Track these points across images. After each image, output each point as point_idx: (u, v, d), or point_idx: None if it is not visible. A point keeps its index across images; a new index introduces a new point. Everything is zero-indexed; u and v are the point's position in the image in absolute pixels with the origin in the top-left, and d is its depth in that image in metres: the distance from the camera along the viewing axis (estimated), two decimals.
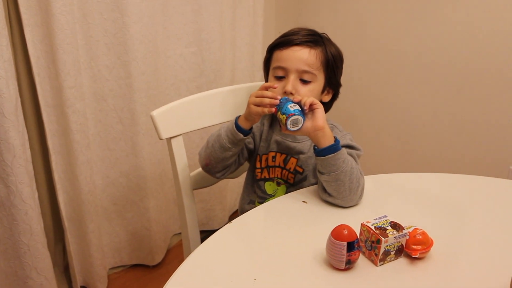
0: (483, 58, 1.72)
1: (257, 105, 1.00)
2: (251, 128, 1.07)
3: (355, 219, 0.91)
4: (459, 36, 1.75)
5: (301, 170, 1.12)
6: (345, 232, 0.76)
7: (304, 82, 1.08)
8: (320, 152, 0.98)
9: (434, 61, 1.84)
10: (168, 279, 0.76)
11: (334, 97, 1.18)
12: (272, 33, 2.26)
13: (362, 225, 0.82)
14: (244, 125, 1.05)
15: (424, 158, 1.98)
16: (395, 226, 0.82)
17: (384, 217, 0.84)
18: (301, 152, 1.13)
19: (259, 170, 1.16)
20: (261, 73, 2.03)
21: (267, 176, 1.16)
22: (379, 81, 2.00)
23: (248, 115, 1.04)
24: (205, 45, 1.76)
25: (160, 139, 1.13)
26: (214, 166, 1.12)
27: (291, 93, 1.06)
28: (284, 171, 1.14)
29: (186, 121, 1.17)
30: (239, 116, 1.06)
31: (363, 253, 0.82)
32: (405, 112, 1.97)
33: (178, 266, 0.79)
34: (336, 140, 0.98)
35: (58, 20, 1.29)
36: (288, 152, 1.13)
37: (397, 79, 1.94)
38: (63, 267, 1.67)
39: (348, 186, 0.96)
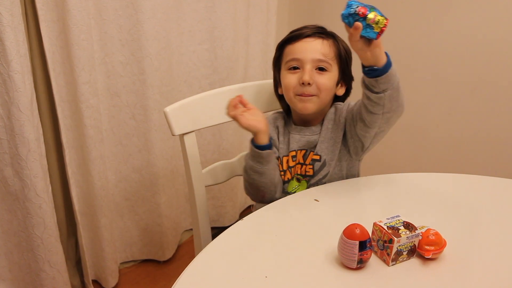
0: (498, 56, 1.70)
1: (232, 114, 1.03)
2: (270, 138, 1.07)
3: (367, 218, 0.91)
4: (473, 34, 1.73)
5: (318, 157, 1.11)
6: (357, 231, 0.76)
7: (321, 70, 1.07)
8: (384, 68, 0.91)
9: (448, 59, 1.82)
10: (178, 274, 0.77)
11: (348, 91, 1.17)
12: (285, 31, 2.25)
13: (375, 224, 0.81)
14: (260, 141, 1.05)
15: (438, 158, 1.96)
16: (408, 226, 0.81)
17: (397, 216, 0.83)
18: (317, 142, 1.12)
19: (282, 173, 1.15)
20: None
21: (290, 177, 1.15)
22: None
23: (248, 129, 1.04)
24: (218, 42, 1.76)
25: (173, 135, 1.13)
26: (270, 192, 1.11)
27: (309, 84, 1.05)
28: (303, 166, 1.13)
29: (199, 117, 1.17)
30: (252, 138, 1.07)
31: (375, 252, 0.82)
32: (418, 111, 1.95)
33: (189, 262, 0.80)
34: (386, 54, 0.94)
35: (74, 16, 1.30)
36: (308, 147, 1.13)
37: (410, 78, 1.92)
38: (75, 261, 1.68)
39: (402, 91, 0.95)
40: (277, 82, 1.18)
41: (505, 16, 1.65)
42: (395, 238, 0.77)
